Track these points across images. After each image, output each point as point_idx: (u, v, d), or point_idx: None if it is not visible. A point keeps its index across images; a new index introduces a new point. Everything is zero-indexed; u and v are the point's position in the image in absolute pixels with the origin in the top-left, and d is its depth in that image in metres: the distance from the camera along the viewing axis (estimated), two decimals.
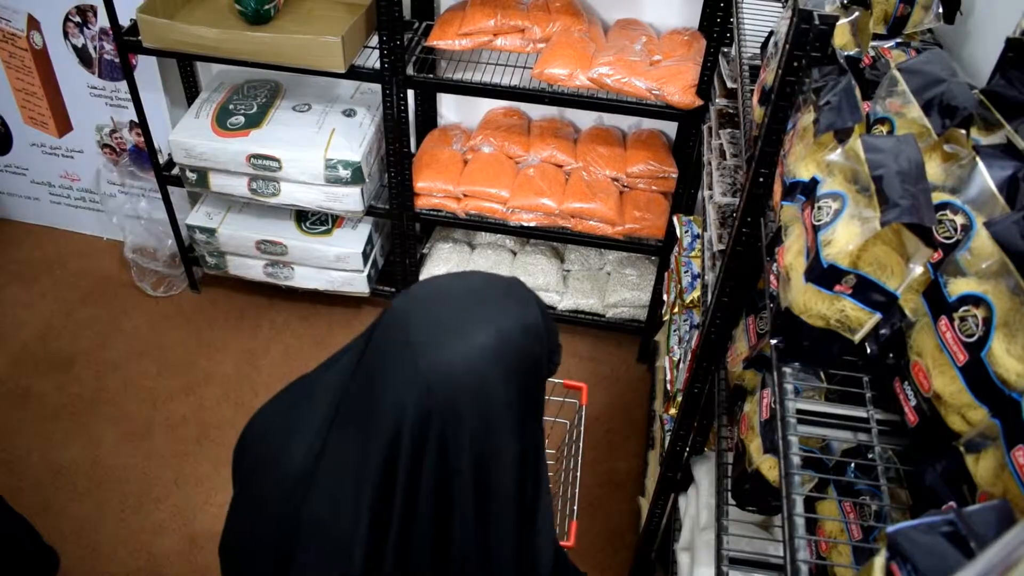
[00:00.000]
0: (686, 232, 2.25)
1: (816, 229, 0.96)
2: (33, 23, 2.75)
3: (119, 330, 2.91)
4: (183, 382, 2.73)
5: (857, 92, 1.06)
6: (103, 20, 2.64)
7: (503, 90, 2.23)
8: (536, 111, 2.61)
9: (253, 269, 2.79)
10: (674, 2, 2.35)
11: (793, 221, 1.07)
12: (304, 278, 2.77)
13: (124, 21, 2.39)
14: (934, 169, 0.97)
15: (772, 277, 1.09)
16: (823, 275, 0.93)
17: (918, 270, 0.90)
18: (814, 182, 1.02)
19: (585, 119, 2.62)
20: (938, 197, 0.92)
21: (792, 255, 1.02)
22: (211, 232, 2.70)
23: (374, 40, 2.30)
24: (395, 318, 0.96)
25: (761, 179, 1.26)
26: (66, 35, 2.75)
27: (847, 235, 0.92)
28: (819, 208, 0.97)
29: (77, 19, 2.70)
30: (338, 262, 2.67)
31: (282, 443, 1.02)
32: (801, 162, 1.08)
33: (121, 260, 3.13)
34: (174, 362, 2.80)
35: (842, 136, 1.03)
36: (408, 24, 2.39)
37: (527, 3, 2.35)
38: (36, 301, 3.03)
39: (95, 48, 2.75)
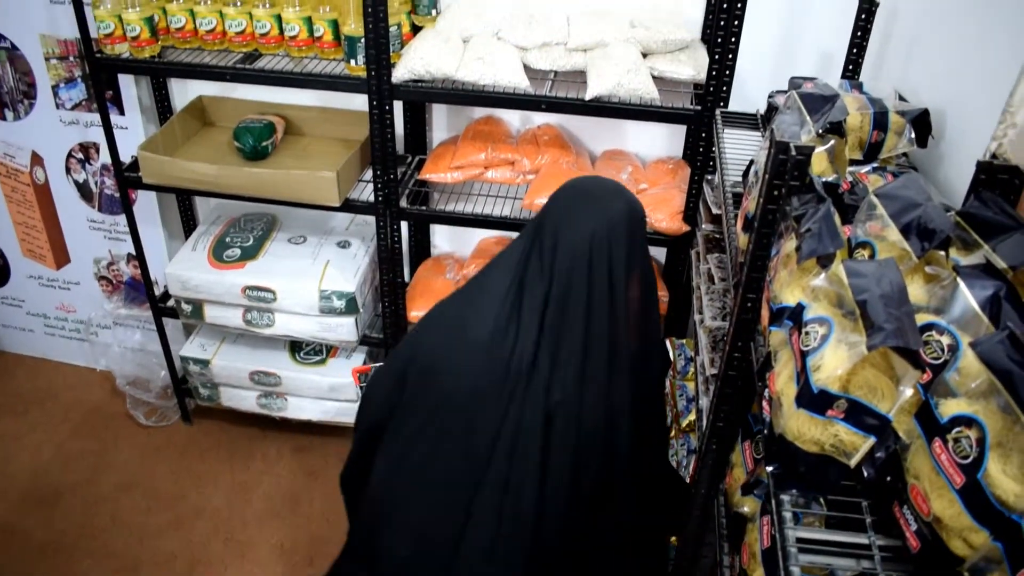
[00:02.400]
0: (679, 355, 2.25)
1: (804, 354, 0.96)
2: (37, 159, 2.83)
3: (109, 463, 2.87)
4: (172, 516, 2.67)
5: (837, 219, 1.09)
6: (105, 157, 2.73)
7: (494, 220, 2.29)
8: None
9: (246, 400, 2.78)
10: (658, 133, 2.43)
11: (782, 346, 1.08)
12: (298, 409, 2.75)
13: (125, 157, 2.46)
14: (917, 291, 0.98)
15: (764, 403, 1.09)
16: (814, 400, 0.93)
17: (908, 392, 0.90)
18: (800, 307, 1.03)
19: None
20: (923, 318, 0.93)
21: (783, 381, 1.02)
22: (204, 363, 2.69)
23: (368, 174, 2.37)
24: (570, 198, 1.48)
25: (749, 304, 1.27)
26: (68, 171, 2.82)
27: (836, 359, 0.93)
28: (806, 333, 0.98)
29: (80, 155, 2.78)
30: (332, 392, 2.66)
31: (461, 328, 1.49)
32: (786, 288, 1.10)
33: (113, 391, 3.12)
34: (164, 496, 2.74)
35: (825, 262, 1.05)
36: (401, 158, 2.46)
37: (516, 137, 2.42)
38: (26, 434, 2.99)
39: (96, 183, 2.82)
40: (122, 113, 2.63)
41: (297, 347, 2.72)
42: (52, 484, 2.79)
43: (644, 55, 2.11)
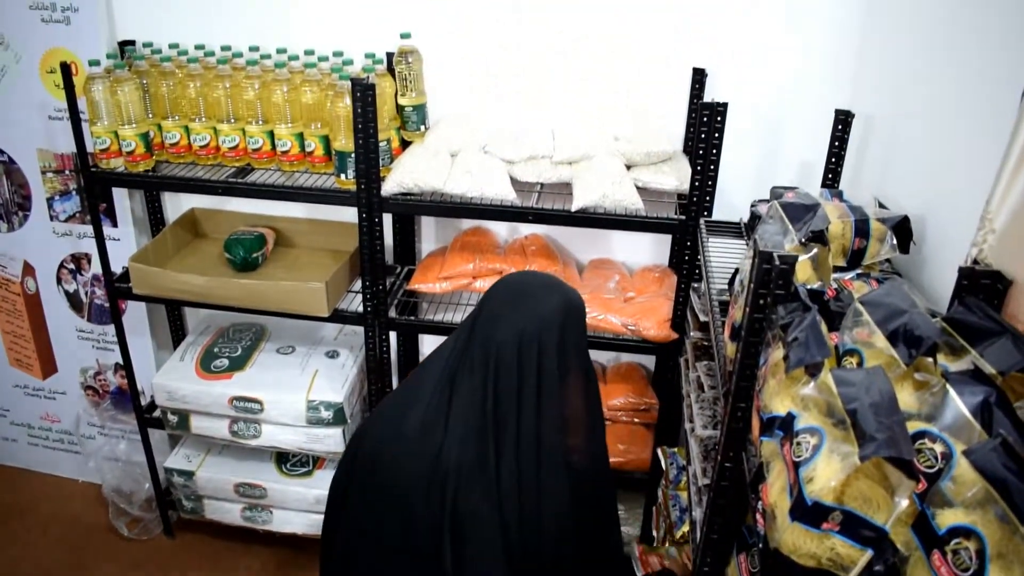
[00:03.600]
0: (671, 464, 2.23)
1: (797, 465, 0.96)
2: (29, 269, 2.84)
3: None
4: None
5: (823, 327, 1.10)
6: (96, 267, 2.74)
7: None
8: None
9: (230, 513, 2.71)
10: (644, 242, 2.47)
11: (774, 457, 1.07)
12: (283, 522, 2.69)
13: (117, 268, 2.47)
14: (907, 398, 0.98)
15: (758, 515, 1.07)
16: (808, 513, 0.92)
17: (904, 503, 0.89)
18: (791, 417, 1.03)
19: None
20: (914, 426, 0.93)
21: (776, 493, 1.01)
22: (189, 475, 2.64)
23: (357, 284, 2.39)
24: (505, 293, 1.50)
25: (739, 413, 1.27)
26: (59, 281, 2.83)
27: (828, 470, 0.92)
28: (798, 443, 0.98)
29: (71, 266, 2.79)
30: (318, 505, 2.61)
31: (400, 419, 1.49)
32: (776, 397, 1.10)
33: (96, 503, 3.05)
34: None
35: (813, 371, 1.05)
36: (390, 269, 2.48)
37: (504, 247, 2.46)
38: (4, 548, 2.91)
39: (87, 293, 2.82)
40: (115, 225, 2.66)
41: (283, 458, 2.68)
42: None
43: (628, 167, 2.16)
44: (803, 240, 1.36)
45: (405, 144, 2.30)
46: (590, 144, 2.17)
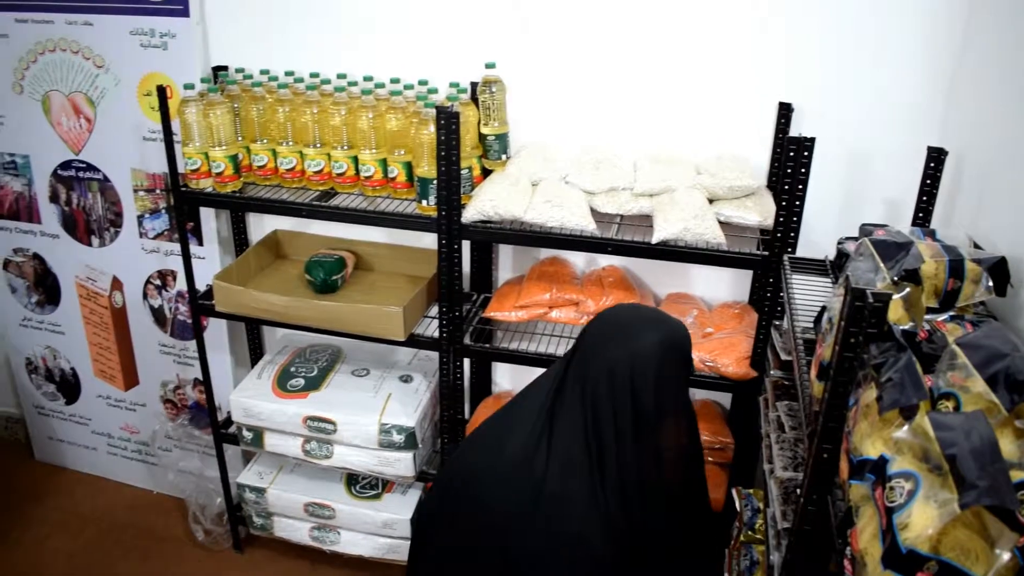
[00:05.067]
0: (746, 506, 2.17)
1: (890, 511, 0.92)
2: (117, 284, 2.94)
3: None
4: None
5: (919, 368, 1.06)
6: (181, 284, 2.82)
7: (557, 360, 2.28)
8: None
9: (299, 532, 2.74)
10: (723, 277, 2.44)
11: (864, 501, 1.03)
12: (350, 543, 2.70)
13: (200, 286, 2.54)
14: (1008, 446, 0.94)
15: (846, 562, 1.03)
16: (902, 561, 0.88)
17: (1005, 556, 0.84)
18: (883, 460, 1.00)
19: None
20: (1017, 475, 0.89)
21: (867, 538, 0.97)
22: (261, 492, 2.68)
23: (434, 310, 2.40)
24: (601, 327, 1.48)
25: (825, 455, 1.23)
26: (145, 296, 2.92)
27: (925, 518, 0.88)
28: (891, 488, 0.94)
29: (158, 282, 2.88)
30: (386, 528, 2.61)
31: (499, 449, 1.49)
32: (867, 439, 1.06)
33: (168, 515, 3.12)
34: None
35: (908, 413, 1.02)
36: (467, 296, 2.49)
37: (581, 278, 2.45)
38: (78, 553, 2.99)
39: (170, 309, 2.90)
40: (201, 244, 2.73)
41: (353, 480, 2.70)
42: None
43: (710, 200, 2.13)
44: (895, 279, 1.32)
45: (486, 172, 2.32)
46: (672, 177, 2.16)
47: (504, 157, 2.30)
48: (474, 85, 2.31)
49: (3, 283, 3.16)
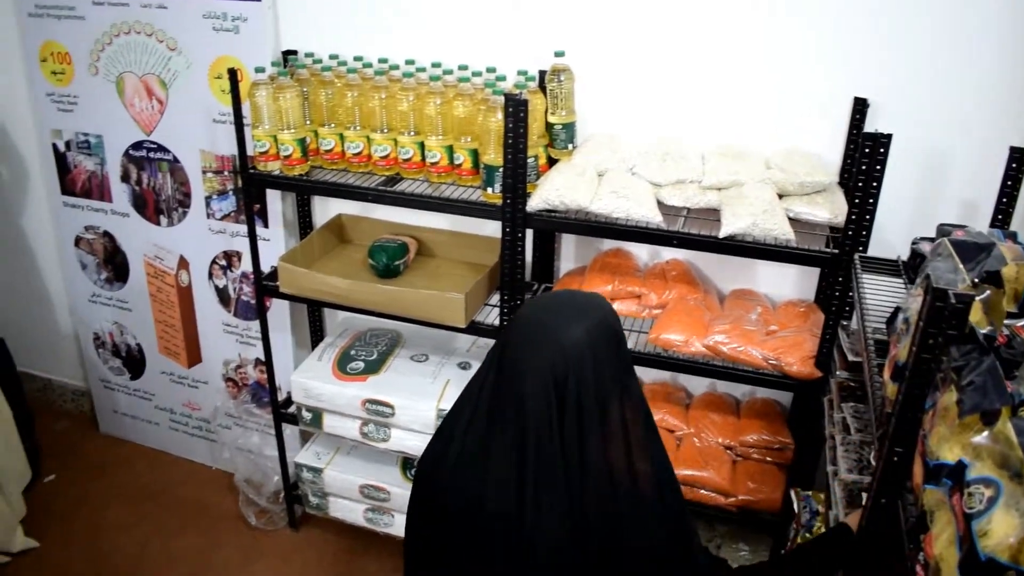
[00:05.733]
0: (804, 508, 2.13)
1: (969, 518, 0.89)
2: (183, 263, 3.00)
3: (212, 563, 2.90)
4: None
5: (1002, 372, 1.03)
6: (246, 265, 2.87)
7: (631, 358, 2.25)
8: (648, 374, 2.62)
9: (354, 513, 2.77)
10: (789, 275, 2.39)
11: (939, 506, 1.00)
12: (403, 527, 2.72)
13: (265, 267, 2.58)
14: None
15: (918, 567, 1.01)
16: (980, 569, 0.86)
17: None
18: (961, 465, 0.97)
19: (698, 385, 2.61)
20: None
21: (942, 544, 0.94)
22: (318, 472, 2.72)
23: (495, 298, 2.41)
24: (526, 318, 1.37)
25: (896, 458, 1.20)
26: (210, 276, 2.97)
27: (1006, 526, 0.85)
28: (970, 494, 0.92)
29: (223, 262, 2.93)
30: None
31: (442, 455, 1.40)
32: (945, 443, 1.03)
33: (226, 491, 3.19)
34: None
35: (989, 418, 0.99)
36: (528, 285, 2.49)
37: (644, 271, 2.43)
38: (136, 525, 3.07)
39: (235, 289, 2.95)
40: (266, 226, 2.77)
41: (409, 464, 2.72)
42: None
43: (780, 196, 2.10)
44: (975, 281, 1.28)
45: (552, 162, 2.30)
46: (741, 171, 2.12)
47: (570, 147, 2.28)
48: (542, 73, 2.30)
49: (74, 259, 3.24)
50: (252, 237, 2.52)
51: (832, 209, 2.04)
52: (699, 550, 1.48)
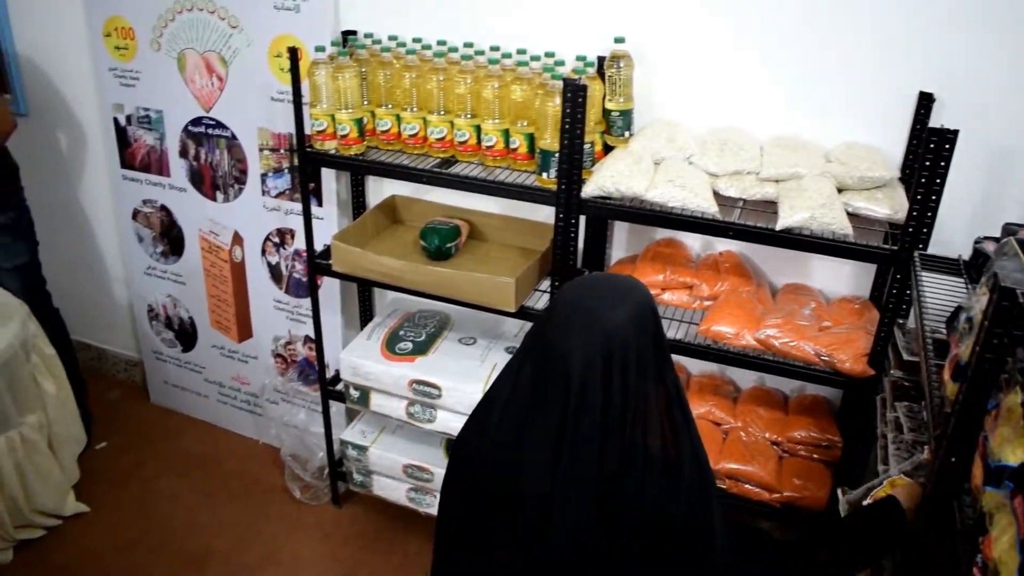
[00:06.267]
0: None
1: None
2: (238, 239, 3.05)
3: (257, 533, 2.95)
4: None
5: None
6: (299, 243, 2.90)
7: (668, 343, 2.24)
8: (696, 366, 2.61)
9: (396, 492, 2.80)
10: (844, 271, 2.36)
11: (1000, 509, 0.99)
12: None
13: (318, 246, 2.60)
14: None
15: (975, 569, 0.99)
16: None
17: None
18: None
19: (746, 378, 2.59)
20: None
21: (1002, 547, 0.93)
22: (363, 450, 2.75)
23: (544, 284, 2.41)
24: (569, 301, 1.36)
25: (954, 459, 1.19)
26: (263, 252, 3.01)
27: None
28: None
29: (276, 240, 2.97)
30: None
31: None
32: (1008, 445, 1.01)
33: (272, 465, 3.24)
34: (305, 574, 2.79)
35: None
36: (579, 272, 2.48)
37: (696, 262, 2.41)
38: (185, 494, 3.13)
39: (287, 267, 2.99)
40: (320, 204, 2.80)
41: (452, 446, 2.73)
42: (203, 546, 2.90)
43: (839, 190, 2.06)
44: None
45: (607, 149, 2.29)
46: (800, 163, 2.10)
47: (627, 134, 2.27)
48: (601, 59, 2.29)
49: (131, 232, 3.31)
50: (307, 215, 2.54)
51: (892, 205, 2.01)
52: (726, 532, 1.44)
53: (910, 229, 1.88)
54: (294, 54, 2.32)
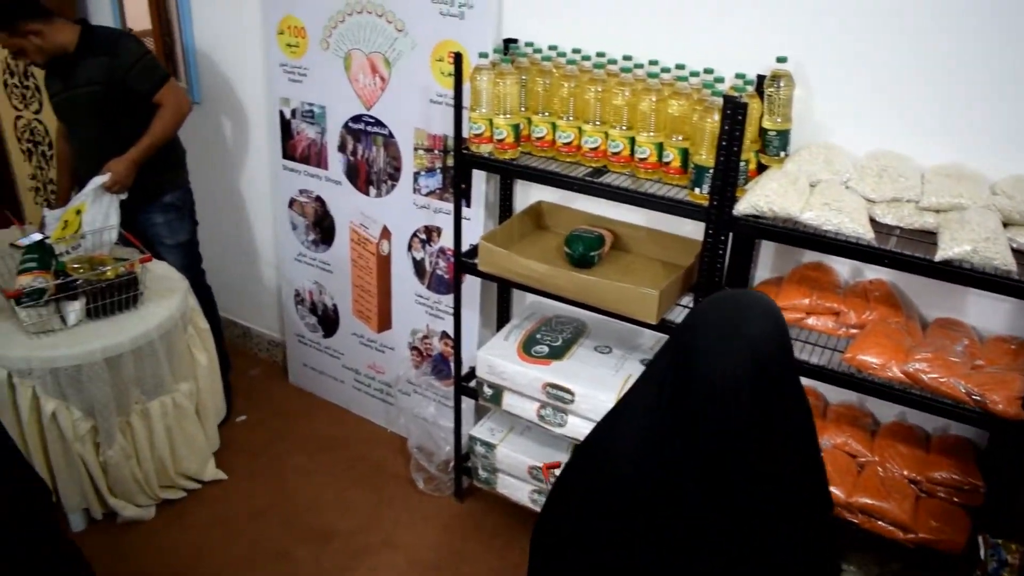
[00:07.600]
0: (992, 556, 2.03)
1: None
2: (386, 233, 3.17)
3: (379, 518, 3.06)
4: None
5: None
6: (445, 241, 3.00)
7: (810, 368, 2.20)
8: (836, 395, 2.55)
9: (520, 492, 2.85)
10: (1002, 309, 2.27)
11: None
12: None
13: (464, 245, 2.69)
14: None
15: None
16: None
17: None
18: None
19: (886, 412, 2.52)
20: None
21: None
22: (491, 447, 2.81)
23: (686, 299, 2.41)
24: (713, 318, 1.35)
25: None
26: (410, 248, 3.13)
27: None
28: None
29: (423, 236, 3.07)
30: None
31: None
32: None
33: (398, 454, 3.35)
34: (423, 562, 2.88)
35: None
36: (722, 289, 2.48)
37: (844, 288, 2.36)
38: (314, 472, 3.28)
39: (431, 263, 3.09)
40: (468, 205, 2.88)
41: None
42: (327, 524, 3.03)
43: (1004, 224, 1.99)
44: None
45: (761, 168, 2.28)
46: (963, 194, 2.03)
47: (783, 154, 2.25)
48: (760, 78, 2.28)
49: (286, 220, 3.49)
50: (457, 215, 2.63)
51: None
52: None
53: None
54: (458, 59, 2.41)
